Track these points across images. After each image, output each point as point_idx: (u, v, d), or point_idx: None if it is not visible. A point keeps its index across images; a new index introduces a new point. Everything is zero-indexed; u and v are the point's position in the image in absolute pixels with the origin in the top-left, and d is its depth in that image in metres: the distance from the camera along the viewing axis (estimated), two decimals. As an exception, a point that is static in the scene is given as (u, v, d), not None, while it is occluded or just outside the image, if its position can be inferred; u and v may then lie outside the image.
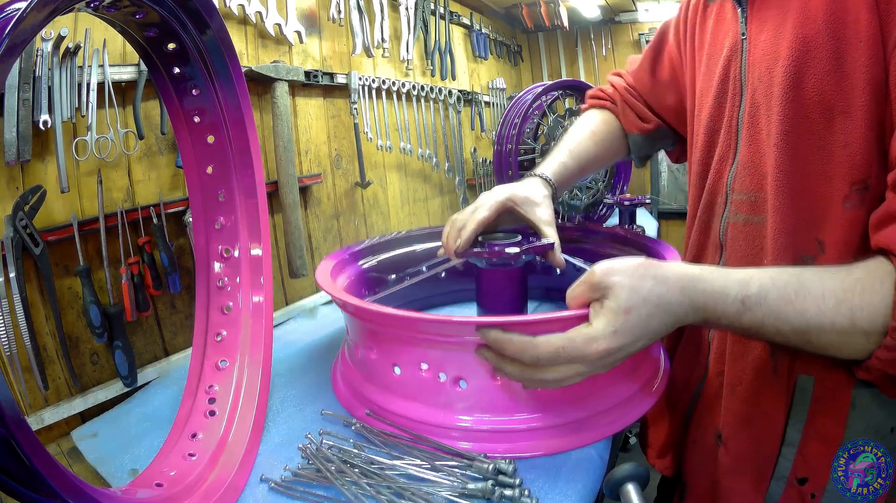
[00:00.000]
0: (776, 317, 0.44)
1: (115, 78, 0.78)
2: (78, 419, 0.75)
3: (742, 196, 0.58)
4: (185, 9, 0.63)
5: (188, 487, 0.54)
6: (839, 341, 0.43)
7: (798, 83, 0.49)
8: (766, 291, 0.44)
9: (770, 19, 0.52)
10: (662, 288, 0.45)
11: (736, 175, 0.59)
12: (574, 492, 0.53)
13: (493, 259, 0.74)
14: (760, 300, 0.44)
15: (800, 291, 0.43)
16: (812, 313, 0.42)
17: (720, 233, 0.63)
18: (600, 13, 2.24)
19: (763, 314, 0.44)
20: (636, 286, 0.45)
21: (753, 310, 0.44)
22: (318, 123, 1.25)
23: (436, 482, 0.53)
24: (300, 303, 1.17)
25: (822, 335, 0.43)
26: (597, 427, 0.60)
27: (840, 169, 0.48)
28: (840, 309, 0.42)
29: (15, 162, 0.68)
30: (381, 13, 1.34)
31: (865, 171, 0.47)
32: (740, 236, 0.60)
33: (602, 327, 0.45)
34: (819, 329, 0.43)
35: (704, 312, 0.46)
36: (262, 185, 0.75)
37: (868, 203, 0.48)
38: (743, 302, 0.44)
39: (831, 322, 0.42)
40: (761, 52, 0.53)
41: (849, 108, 0.46)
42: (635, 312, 0.44)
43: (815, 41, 0.47)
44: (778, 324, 0.44)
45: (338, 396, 0.73)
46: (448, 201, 1.83)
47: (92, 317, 0.74)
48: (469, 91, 1.87)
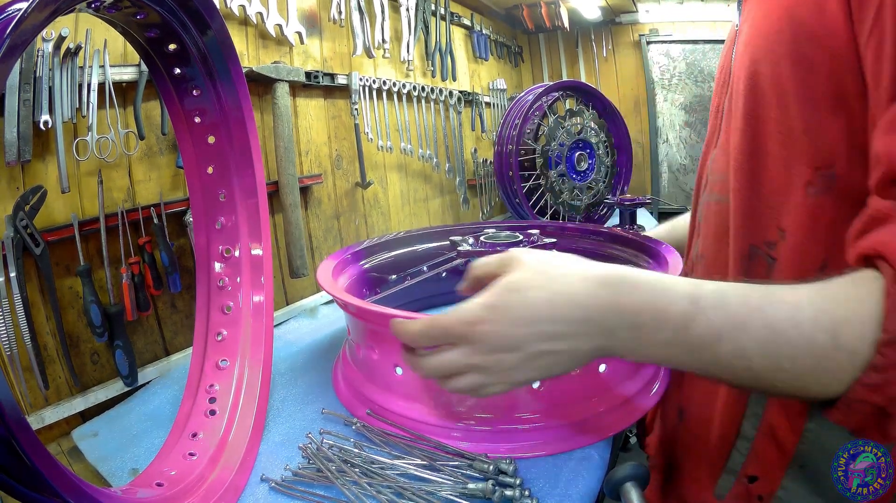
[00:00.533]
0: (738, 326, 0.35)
1: (115, 78, 0.78)
2: (78, 418, 0.76)
3: (716, 177, 0.59)
4: (185, 9, 0.63)
5: (188, 487, 0.54)
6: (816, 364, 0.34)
7: (757, 69, 0.48)
8: (723, 292, 0.36)
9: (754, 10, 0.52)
10: (574, 275, 0.38)
11: (715, 157, 0.60)
12: (574, 492, 0.53)
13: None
14: (716, 301, 0.36)
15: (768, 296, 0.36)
16: (784, 324, 0.34)
17: (699, 214, 0.64)
18: (601, 14, 2.24)
19: (720, 322, 0.35)
20: (538, 265, 0.39)
21: (708, 313, 0.35)
22: (318, 124, 1.25)
23: (436, 482, 0.53)
24: (301, 303, 1.17)
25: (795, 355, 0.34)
26: (598, 427, 0.60)
27: (802, 153, 0.46)
28: (820, 319, 0.34)
29: (15, 162, 0.68)
30: (381, 14, 1.34)
31: (830, 157, 0.44)
32: (712, 216, 0.59)
33: (478, 300, 0.38)
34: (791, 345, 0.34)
35: (633, 315, 0.37)
36: (263, 186, 0.75)
37: (835, 192, 0.44)
38: (692, 300, 0.36)
39: (809, 338, 0.33)
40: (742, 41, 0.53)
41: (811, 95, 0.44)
42: (521, 293, 0.37)
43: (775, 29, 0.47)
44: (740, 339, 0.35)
45: (339, 396, 0.73)
46: (448, 201, 1.83)
47: (92, 316, 0.74)
48: (470, 92, 1.88)
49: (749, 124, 0.50)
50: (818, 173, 0.45)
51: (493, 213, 1.98)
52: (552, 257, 0.40)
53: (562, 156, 1.67)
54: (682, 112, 2.36)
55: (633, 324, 0.37)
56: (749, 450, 0.53)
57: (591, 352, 0.39)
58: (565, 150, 1.67)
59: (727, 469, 0.55)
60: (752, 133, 0.50)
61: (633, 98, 2.40)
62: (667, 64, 2.35)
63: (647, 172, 2.41)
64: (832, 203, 0.44)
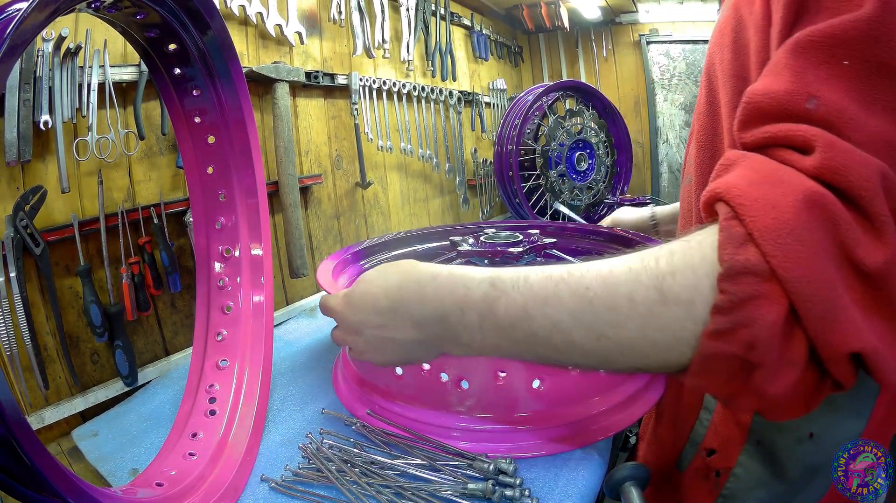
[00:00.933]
0: (543, 300, 0.33)
1: (115, 78, 0.78)
2: (78, 418, 0.76)
3: (689, 161, 0.62)
4: (185, 9, 0.63)
5: (188, 487, 0.54)
6: (644, 327, 0.30)
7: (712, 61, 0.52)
8: (525, 273, 0.35)
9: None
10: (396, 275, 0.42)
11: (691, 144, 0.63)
12: (574, 492, 0.53)
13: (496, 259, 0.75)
14: (517, 282, 0.35)
15: (576, 268, 0.34)
16: (595, 288, 0.31)
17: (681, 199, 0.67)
18: (601, 14, 2.24)
19: (524, 299, 0.34)
20: (374, 271, 0.45)
21: (509, 293, 0.35)
22: (318, 124, 1.25)
23: (436, 482, 0.53)
24: (301, 303, 1.17)
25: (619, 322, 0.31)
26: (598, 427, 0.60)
27: None
28: (640, 277, 0.30)
29: (16, 162, 0.68)
30: (381, 14, 1.34)
31: None
32: (686, 195, 0.62)
33: (340, 293, 0.48)
34: (610, 311, 0.31)
35: (433, 304, 0.38)
36: (263, 186, 0.75)
37: None
38: (492, 283, 0.36)
39: (628, 298, 0.30)
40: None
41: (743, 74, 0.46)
42: (360, 286, 0.45)
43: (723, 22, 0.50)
44: (550, 312, 0.33)
45: (339, 396, 0.73)
46: (448, 201, 1.83)
47: (92, 316, 0.74)
48: (469, 92, 1.88)
49: (708, 108, 0.55)
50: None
51: (493, 213, 1.98)
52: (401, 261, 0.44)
53: (562, 156, 1.67)
54: (682, 112, 2.36)
55: (439, 315, 0.38)
56: (710, 422, 0.54)
57: (415, 343, 0.41)
58: (565, 150, 1.68)
59: (690, 440, 0.56)
60: (709, 116, 0.54)
61: (633, 98, 2.40)
62: (667, 64, 2.35)
63: (647, 172, 2.41)
64: None
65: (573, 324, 0.32)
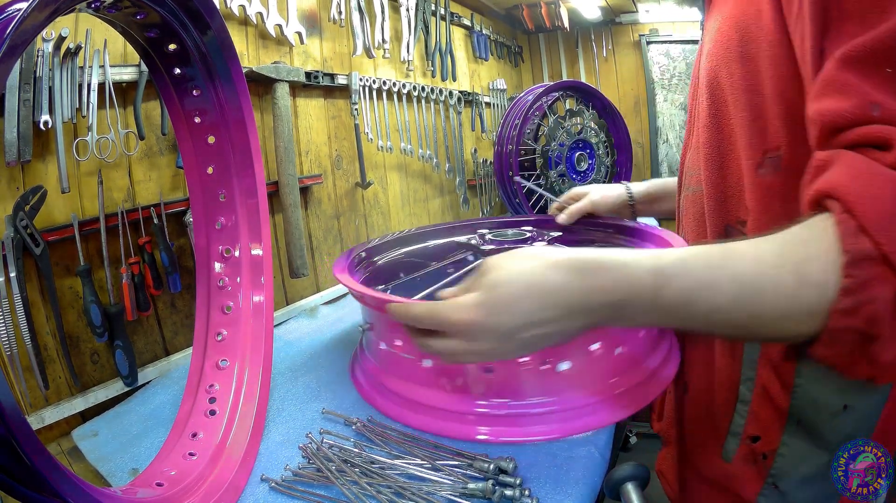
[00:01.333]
0: (705, 286, 0.37)
1: (115, 78, 0.78)
2: (78, 418, 0.76)
3: (691, 171, 0.66)
4: (185, 9, 0.63)
5: (188, 487, 0.54)
6: (789, 304, 0.36)
7: (716, 74, 0.56)
8: (683, 259, 0.39)
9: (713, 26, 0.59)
10: (549, 268, 0.40)
11: (690, 156, 0.67)
12: (574, 492, 0.53)
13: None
14: (679, 270, 0.38)
15: (729, 255, 0.38)
16: (749, 275, 0.37)
17: (681, 207, 0.71)
18: (601, 14, 2.24)
19: (688, 286, 0.38)
20: (512, 265, 0.42)
21: (672, 281, 0.38)
22: (318, 124, 1.25)
23: (436, 482, 0.53)
24: (301, 303, 1.17)
25: (767, 301, 0.36)
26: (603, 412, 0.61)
27: (752, 140, 0.52)
28: (782, 263, 0.36)
29: (16, 162, 0.68)
30: (381, 14, 1.34)
31: (776, 140, 0.50)
32: (691, 206, 0.66)
33: (468, 298, 0.42)
34: (761, 293, 0.36)
35: (606, 294, 0.39)
36: (263, 186, 0.75)
37: (783, 171, 0.50)
38: (656, 272, 0.38)
39: (776, 282, 0.36)
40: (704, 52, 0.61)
41: (756, 87, 0.51)
42: (504, 289, 0.41)
43: (726, 38, 0.54)
44: (711, 297, 0.37)
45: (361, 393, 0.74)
46: (448, 202, 1.83)
47: (92, 316, 0.74)
48: (469, 92, 1.88)
49: (713, 121, 0.58)
50: (766, 156, 0.51)
51: (493, 213, 1.98)
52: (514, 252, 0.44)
53: (562, 156, 1.67)
54: (682, 112, 2.36)
55: (610, 303, 0.40)
56: (748, 412, 0.57)
57: (580, 329, 0.42)
58: (565, 150, 1.68)
59: (731, 432, 0.59)
60: (716, 128, 0.58)
61: (633, 98, 2.41)
62: (667, 64, 2.35)
63: (647, 172, 2.41)
64: (781, 181, 0.50)
65: (730, 307, 0.37)
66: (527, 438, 0.58)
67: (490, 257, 0.44)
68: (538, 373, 0.61)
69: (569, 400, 0.61)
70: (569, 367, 0.61)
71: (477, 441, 0.60)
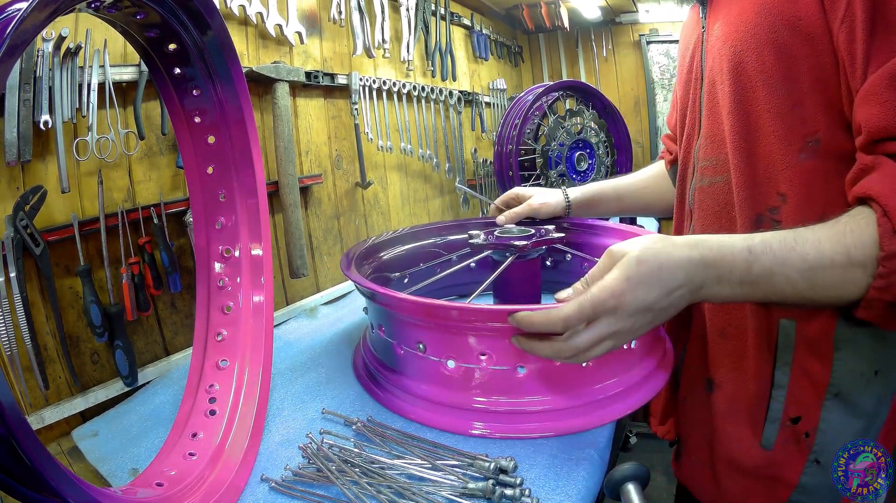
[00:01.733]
0: (783, 263, 0.46)
1: (115, 78, 0.78)
2: (78, 418, 0.76)
3: (706, 162, 0.66)
4: (185, 9, 0.63)
5: (188, 487, 0.54)
6: (840, 278, 0.45)
7: (741, 59, 0.58)
8: (768, 241, 0.47)
9: (722, 12, 0.61)
10: (671, 246, 0.48)
11: (701, 146, 0.67)
12: (574, 492, 0.53)
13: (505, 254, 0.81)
14: (765, 248, 0.47)
15: (797, 239, 0.47)
16: (812, 255, 0.46)
17: (690, 200, 0.71)
18: (601, 14, 2.24)
19: (771, 262, 0.46)
20: (647, 245, 0.48)
21: (761, 258, 0.47)
22: (318, 124, 1.25)
23: (436, 482, 0.53)
24: (301, 303, 1.17)
25: (825, 275, 0.46)
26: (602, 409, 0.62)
27: (792, 127, 0.55)
28: (836, 248, 0.45)
29: (16, 162, 0.68)
30: (381, 14, 1.34)
31: (815, 126, 0.54)
32: (707, 197, 0.67)
33: (615, 275, 0.47)
34: (821, 268, 0.45)
35: (714, 268, 0.47)
36: (263, 186, 0.75)
37: (821, 154, 0.54)
38: (749, 250, 0.47)
39: (831, 260, 0.45)
40: (714, 38, 0.62)
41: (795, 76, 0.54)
42: (646, 264, 0.47)
43: (753, 23, 0.56)
44: (786, 271, 0.46)
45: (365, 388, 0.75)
46: (448, 201, 1.83)
47: (92, 316, 0.74)
48: (469, 92, 1.88)
49: (739, 108, 0.59)
50: (807, 142, 0.55)
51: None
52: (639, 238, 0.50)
53: (562, 156, 1.67)
54: (682, 112, 2.36)
55: (716, 276, 0.48)
56: (786, 395, 0.60)
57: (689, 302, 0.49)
58: (565, 150, 1.67)
59: (769, 419, 0.61)
60: (743, 115, 0.59)
61: (633, 98, 2.41)
62: (667, 64, 2.34)
63: (647, 172, 2.41)
64: (821, 164, 0.55)
65: (799, 279, 0.46)
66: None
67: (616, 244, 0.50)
68: (540, 372, 0.61)
69: (568, 398, 0.61)
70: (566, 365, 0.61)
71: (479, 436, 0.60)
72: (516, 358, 0.61)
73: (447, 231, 1.09)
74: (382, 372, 0.73)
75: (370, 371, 0.76)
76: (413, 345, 0.66)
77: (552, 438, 0.60)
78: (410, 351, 0.67)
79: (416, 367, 0.67)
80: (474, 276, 1.03)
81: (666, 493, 1.48)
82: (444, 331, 0.64)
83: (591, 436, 0.61)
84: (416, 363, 0.67)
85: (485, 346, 0.61)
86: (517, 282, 0.85)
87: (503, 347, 0.61)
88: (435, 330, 0.64)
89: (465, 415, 0.63)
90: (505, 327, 0.59)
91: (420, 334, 0.65)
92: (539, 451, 0.58)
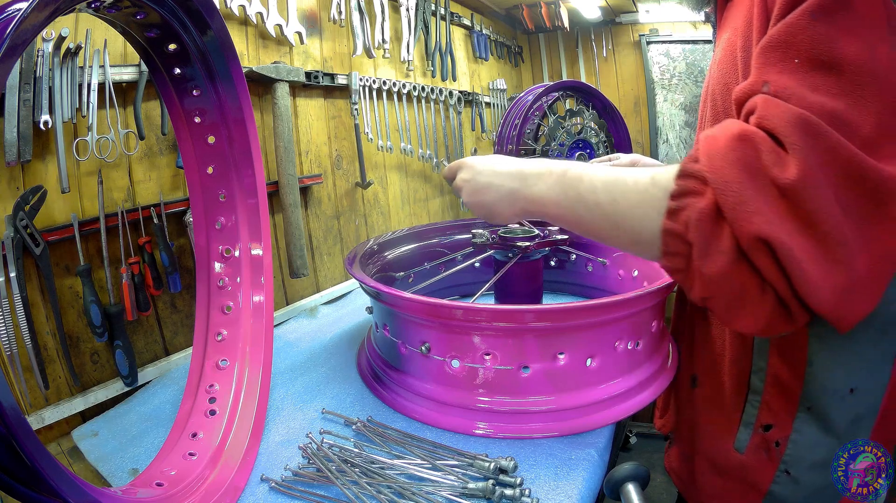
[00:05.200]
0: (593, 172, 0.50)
1: (115, 78, 0.78)
2: (78, 418, 0.76)
3: None
4: (185, 9, 0.63)
5: (188, 487, 0.54)
6: (639, 199, 0.45)
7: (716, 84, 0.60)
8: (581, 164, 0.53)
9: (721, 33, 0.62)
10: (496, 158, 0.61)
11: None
12: (574, 492, 0.53)
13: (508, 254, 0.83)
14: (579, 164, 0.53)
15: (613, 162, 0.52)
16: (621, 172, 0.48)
17: None
18: (601, 14, 2.24)
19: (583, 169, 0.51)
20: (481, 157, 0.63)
21: (574, 167, 0.52)
22: (318, 124, 1.25)
23: (436, 482, 0.53)
24: (301, 303, 1.17)
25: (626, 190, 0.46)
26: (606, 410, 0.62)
27: None
28: (644, 173, 0.46)
29: (16, 162, 0.68)
30: (381, 14, 1.34)
31: None
32: None
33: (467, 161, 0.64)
34: (623, 182, 0.47)
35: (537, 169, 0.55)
36: (263, 186, 0.75)
37: None
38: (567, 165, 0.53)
39: (634, 180, 0.46)
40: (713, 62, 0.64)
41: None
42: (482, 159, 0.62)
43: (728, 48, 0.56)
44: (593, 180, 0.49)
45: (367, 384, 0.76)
46: (448, 201, 1.83)
47: (92, 316, 0.74)
48: (469, 92, 1.88)
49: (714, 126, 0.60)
50: None
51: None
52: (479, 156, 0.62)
53: (562, 155, 1.67)
54: (682, 112, 2.36)
55: (537, 174, 0.54)
56: (760, 402, 0.59)
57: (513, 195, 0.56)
58: (565, 150, 1.68)
59: (743, 422, 0.61)
60: None
61: (633, 98, 2.40)
62: (667, 64, 2.34)
63: (647, 172, 2.40)
64: None
65: (602, 189, 0.48)
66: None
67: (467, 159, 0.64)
68: (541, 373, 0.61)
69: (572, 398, 0.61)
70: (571, 366, 0.61)
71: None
72: (521, 358, 0.61)
73: (451, 230, 1.09)
74: (386, 371, 0.73)
75: (374, 370, 0.76)
76: (417, 345, 0.66)
77: (552, 438, 0.60)
78: (415, 350, 0.67)
79: (420, 367, 0.67)
80: (478, 276, 1.03)
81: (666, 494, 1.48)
82: (449, 330, 0.64)
83: (591, 437, 0.61)
84: (420, 362, 0.67)
85: (489, 346, 0.61)
86: (517, 281, 0.86)
87: (508, 347, 0.61)
88: (439, 329, 0.65)
89: (469, 415, 0.63)
90: (510, 327, 0.59)
91: (424, 333, 0.65)
92: (539, 451, 0.58)
